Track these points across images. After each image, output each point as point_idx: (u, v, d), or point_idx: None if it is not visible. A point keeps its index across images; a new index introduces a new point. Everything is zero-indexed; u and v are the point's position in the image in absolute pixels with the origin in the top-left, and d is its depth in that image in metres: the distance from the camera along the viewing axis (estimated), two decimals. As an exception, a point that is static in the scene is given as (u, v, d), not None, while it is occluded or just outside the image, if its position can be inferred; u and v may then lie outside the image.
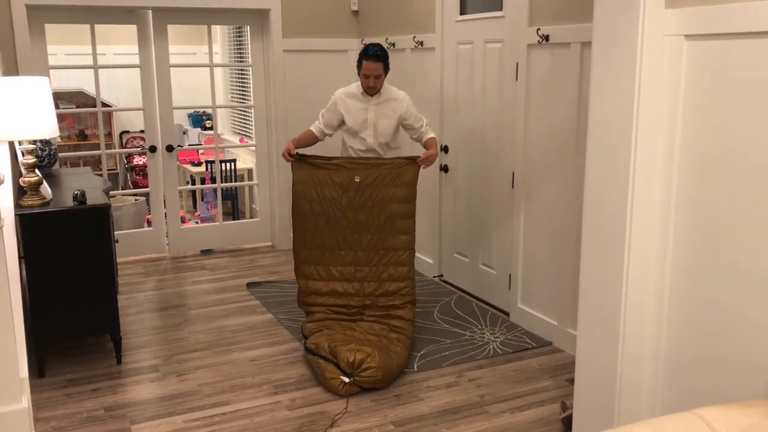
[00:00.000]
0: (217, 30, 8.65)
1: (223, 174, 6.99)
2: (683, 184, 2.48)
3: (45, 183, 3.93)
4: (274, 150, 6.17)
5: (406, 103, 4.20)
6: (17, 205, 3.69)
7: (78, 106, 8.22)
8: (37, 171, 3.79)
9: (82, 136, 8.59)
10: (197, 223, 6.69)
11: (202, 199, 7.13)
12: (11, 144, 4.27)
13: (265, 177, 6.36)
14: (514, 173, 4.40)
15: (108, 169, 6.25)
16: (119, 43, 8.07)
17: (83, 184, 4.34)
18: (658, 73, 2.46)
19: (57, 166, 5.02)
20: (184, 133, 8.91)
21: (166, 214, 6.11)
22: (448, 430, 3.23)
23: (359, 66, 4.14)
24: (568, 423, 3.16)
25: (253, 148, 6.54)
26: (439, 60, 5.08)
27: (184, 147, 7.89)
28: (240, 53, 8.02)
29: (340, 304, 4.16)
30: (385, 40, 5.64)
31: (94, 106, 6.06)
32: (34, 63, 5.34)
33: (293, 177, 4.12)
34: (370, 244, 4.12)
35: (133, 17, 5.72)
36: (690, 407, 1.86)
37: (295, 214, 4.16)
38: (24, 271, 3.83)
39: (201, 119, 9.17)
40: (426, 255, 5.53)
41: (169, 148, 6.01)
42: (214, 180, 6.76)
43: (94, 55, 5.66)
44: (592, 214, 2.70)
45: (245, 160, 7.73)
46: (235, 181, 7.16)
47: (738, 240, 2.31)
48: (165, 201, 6.09)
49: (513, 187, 4.42)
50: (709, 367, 2.46)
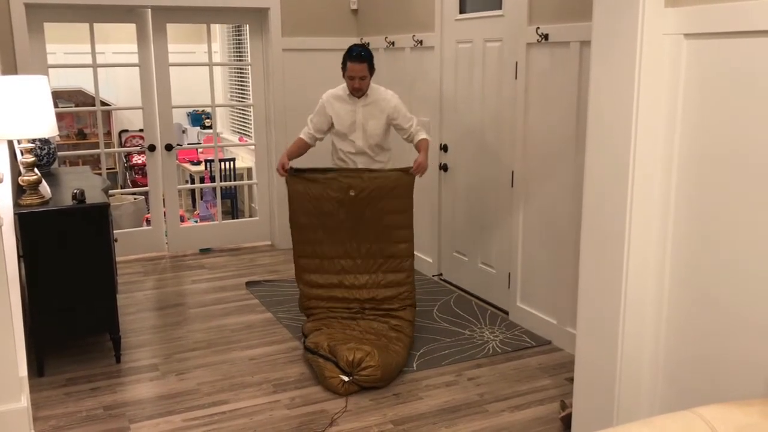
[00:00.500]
0: (216, 29, 8.64)
1: (223, 173, 6.98)
2: (682, 182, 2.48)
3: (44, 182, 3.93)
4: (273, 149, 6.17)
5: (394, 103, 4.16)
6: (16, 204, 3.69)
7: (77, 105, 8.21)
8: (36, 170, 3.78)
9: (81, 135, 8.59)
10: (196, 222, 6.69)
11: (201, 198, 7.14)
12: (10, 143, 4.26)
13: (265, 176, 6.35)
14: (513, 172, 4.39)
15: (107, 168, 6.25)
16: (118, 41, 8.07)
17: (82, 183, 4.34)
18: (658, 72, 2.46)
19: (56, 165, 5.02)
20: (183, 132, 8.91)
21: (165, 213, 6.11)
22: (447, 429, 3.23)
23: (344, 68, 4.11)
24: (567, 422, 3.16)
25: (253, 147, 6.54)
26: (438, 59, 5.08)
27: (184, 146, 7.88)
28: (239, 52, 8.02)
29: (340, 306, 4.17)
30: (385, 38, 5.64)
31: (93, 105, 6.05)
32: (33, 62, 5.33)
33: (288, 192, 4.12)
34: (368, 252, 4.13)
35: (133, 16, 5.72)
36: (689, 406, 1.86)
37: (293, 227, 4.17)
38: (23, 270, 3.83)
39: (200, 118, 9.16)
40: (425, 254, 5.53)
41: (168, 147, 6.01)
42: (213, 179, 6.76)
43: (93, 53, 5.66)
44: (591, 213, 2.70)
45: (244, 159, 7.72)
46: (235, 180, 7.16)
47: (737, 239, 2.31)
48: (164, 200, 6.08)
49: (512, 186, 4.42)
50: (708, 366, 2.46)
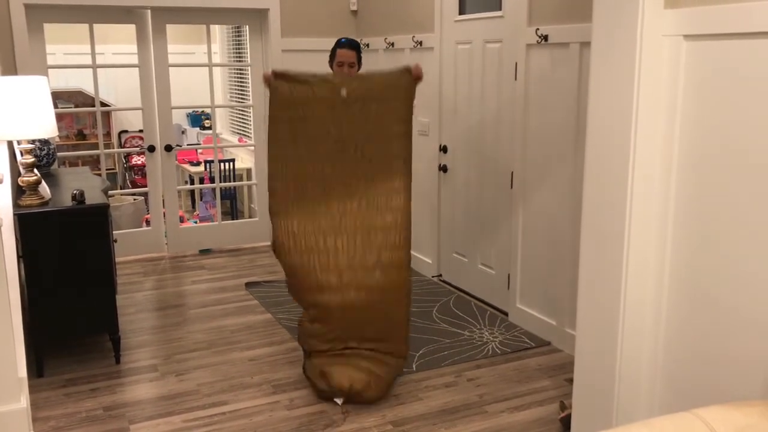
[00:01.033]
0: (216, 30, 8.65)
1: (222, 174, 6.98)
2: (682, 183, 2.48)
3: (44, 182, 3.93)
4: (272, 150, 6.17)
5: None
6: (16, 205, 3.69)
7: (77, 106, 8.21)
8: (35, 170, 3.78)
9: (81, 135, 8.59)
10: (196, 222, 6.68)
11: (201, 199, 7.13)
12: (10, 143, 4.26)
13: (264, 177, 6.35)
14: (512, 173, 4.40)
15: (107, 169, 6.25)
16: (118, 42, 8.07)
17: (82, 183, 4.34)
18: (657, 73, 2.46)
19: (56, 165, 5.02)
20: (183, 132, 8.91)
21: (164, 213, 6.11)
22: (446, 430, 3.23)
23: (332, 57, 4.12)
24: (566, 423, 3.17)
25: (252, 148, 6.54)
26: (438, 60, 5.08)
27: (183, 147, 7.88)
28: (239, 53, 8.02)
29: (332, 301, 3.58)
30: (384, 39, 5.65)
31: (93, 106, 6.05)
32: (33, 62, 5.33)
33: (270, 98, 3.58)
34: (359, 168, 3.56)
35: (132, 17, 5.72)
36: (689, 407, 1.86)
37: (272, 145, 3.58)
38: (23, 271, 3.83)
39: (200, 119, 9.17)
40: (425, 255, 5.53)
41: (168, 148, 6.01)
42: (212, 180, 6.76)
43: (93, 54, 5.66)
44: (591, 214, 2.70)
45: (244, 160, 7.72)
46: (234, 180, 7.16)
47: (737, 240, 2.31)
48: (164, 201, 6.08)
49: (512, 187, 4.42)
50: (707, 366, 2.46)
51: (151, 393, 3.61)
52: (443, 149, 5.17)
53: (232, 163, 7.12)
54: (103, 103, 7.18)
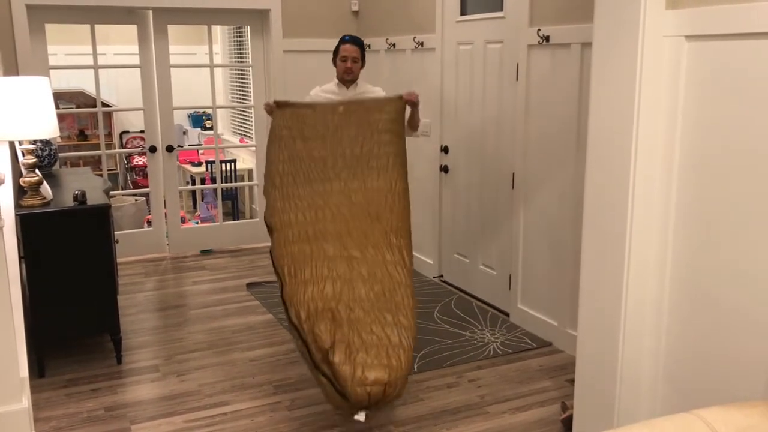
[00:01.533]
0: (218, 30, 8.65)
1: (223, 174, 6.99)
2: (683, 184, 2.48)
3: (45, 183, 3.94)
4: (274, 150, 6.17)
5: (383, 94, 4.20)
6: (17, 205, 3.69)
7: (78, 106, 8.22)
8: (37, 171, 3.79)
9: (82, 136, 8.59)
10: (197, 223, 6.69)
11: (202, 200, 7.13)
12: (11, 144, 4.27)
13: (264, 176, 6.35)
14: (514, 174, 4.40)
15: (108, 170, 6.25)
16: (119, 43, 8.08)
17: (83, 184, 4.34)
18: (659, 74, 2.46)
19: (57, 166, 5.03)
20: (184, 133, 8.91)
21: (166, 214, 6.11)
22: (448, 431, 3.23)
23: (336, 53, 4.13)
24: (568, 424, 3.16)
25: (253, 149, 6.55)
26: (439, 60, 5.08)
27: (184, 147, 7.89)
28: (240, 53, 8.02)
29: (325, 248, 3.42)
30: (386, 40, 5.65)
31: (94, 106, 6.06)
32: (35, 63, 5.34)
33: (273, 122, 3.78)
34: (355, 172, 3.63)
35: (134, 17, 5.73)
36: (690, 408, 1.86)
37: (270, 162, 3.70)
38: (24, 271, 3.83)
39: (201, 119, 9.17)
40: (426, 255, 5.53)
41: (169, 149, 6.01)
42: (214, 180, 6.76)
43: (95, 55, 5.66)
44: (592, 215, 2.70)
45: (245, 161, 7.73)
46: (235, 181, 7.16)
47: (738, 240, 2.31)
48: (165, 201, 6.09)
49: (513, 187, 4.42)
50: (709, 367, 2.46)
51: (153, 393, 3.61)
52: (444, 150, 5.17)
53: (233, 163, 7.12)
54: (104, 104, 7.18)
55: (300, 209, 3.58)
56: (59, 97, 7.91)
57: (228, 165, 7.09)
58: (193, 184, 7.71)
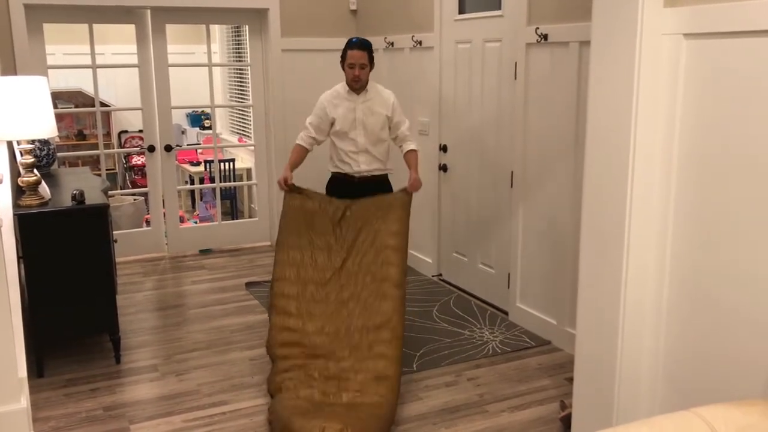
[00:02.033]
0: (216, 29, 8.64)
1: (222, 174, 6.98)
2: (682, 182, 2.48)
3: (43, 183, 3.93)
4: (272, 150, 6.17)
5: (392, 99, 4.12)
6: (16, 205, 3.69)
7: (76, 106, 8.21)
8: (35, 171, 3.78)
9: (81, 135, 8.59)
10: (196, 222, 6.68)
11: (201, 199, 7.13)
12: (10, 144, 4.26)
13: (264, 176, 6.35)
14: (512, 172, 4.40)
15: (107, 169, 6.25)
16: (118, 42, 8.06)
17: (82, 183, 4.34)
18: (657, 72, 2.46)
19: (55, 165, 5.02)
20: (183, 132, 8.91)
21: (164, 213, 6.11)
22: (447, 430, 3.23)
23: (343, 58, 4.06)
24: (567, 422, 3.16)
25: (252, 148, 6.54)
26: (437, 59, 5.08)
27: (183, 147, 7.88)
28: (238, 53, 8.02)
29: (314, 345, 3.63)
30: (384, 39, 5.64)
31: (93, 106, 6.05)
32: (33, 62, 5.33)
33: (284, 206, 4.00)
34: (357, 279, 3.78)
35: (132, 17, 5.72)
36: (689, 406, 1.86)
37: (279, 246, 3.92)
38: (23, 271, 3.83)
39: (199, 119, 9.16)
40: (425, 254, 5.53)
41: (168, 148, 6.00)
42: (212, 180, 6.76)
43: (93, 54, 5.66)
44: (591, 213, 2.70)
45: (244, 160, 7.72)
46: (234, 180, 7.16)
47: (737, 239, 2.31)
48: (164, 201, 6.08)
49: (512, 186, 4.42)
50: (707, 366, 2.46)
51: (152, 393, 3.61)
52: (443, 148, 5.17)
53: (232, 163, 7.12)
54: (102, 104, 7.17)
55: (301, 304, 3.80)
56: (57, 97, 7.90)
57: (227, 164, 7.09)
58: (192, 183, 7.71)
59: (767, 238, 2.21)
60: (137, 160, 8.37)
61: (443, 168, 5.19)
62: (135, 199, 6.82)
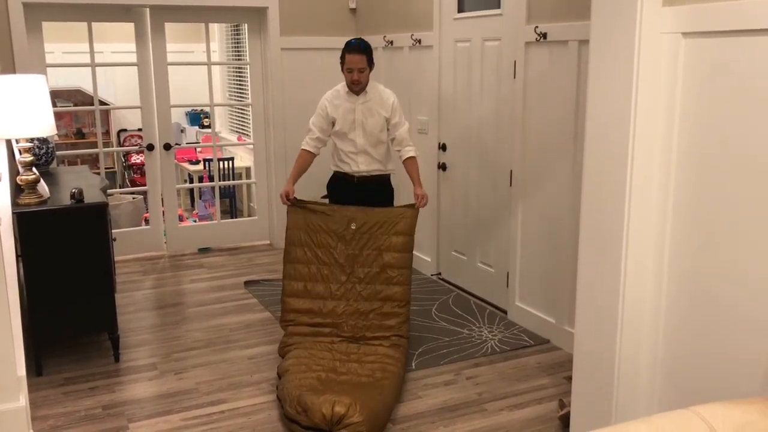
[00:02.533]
0: (215, 28, 8.64)
1: (221, 172, 6.98)
2: (681, 181, 2.48)
3: (42, 181, 3.93)
4: (271, 148, 6.17)
5: (392, 100, 4.11)
6: (14, 204, 3.69)
7: (75, 105, 8.20)
8: (34, 169, 3.78)
9: (80, 134, 8.58)
10: (195, 221, 6.69)
11: (200, 198, 7.13)
12: (8, 142, 4.26)
13: (263, 175, 6.35)
14: (512, 171, 4.40)
15: (106, 168, 6.24)
16: (117, 41, 8.06)
17: (81, 182, 4.33)
18: (656, 71, 2.46)
19: (54, 164, 5.02)
20: (182, 131, 8.91)
21: (163, 212, 6.10)
22: (445, 428, 3.23)
23: (342, 61, 4.05)
24: (565, 421, 3.17)
25: (251, 147, 6.54)
26: (437, 58, 5.08)
27: (182, 145, 7.88)
28: (238, 51, 8.01)
29: (324, 333, 3.87)
30: (383, 38, 5.64)
31: (92, 105, 6.05)
32: (32, 61, 5.33)
33: (287, 222, 4.02)
34: (363, 294, 3.91)
35: (131, 15, 5.72)
36: (687, 405, 1.86)
37: (286, 261, 4.00)
38: (21, 270, 3.83)
39: (199, 117, 9.16)
40: (424, 253, 5.53)
41: (167, 147, 6.00)
42: (212, 178, 6.76)
43: (92, 53, 5.65)
44: (590, 212, 2.70)
45: (243, 159, 7.72)
46: (233, 179, 7.16)
47: (736, 237, 2.31)
48: (163, 199, 6.08)
49: (511, 185, 4.42)
50: (706, 364, 2.46)
51: (150, 391, 3.61)
52: (442, 147, 5.17)
53: (231, 161, 7.12)
54: (102, 102, 7.17)
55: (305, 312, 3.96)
56: (57, 96, 7.90)
57: (226, 163, 7.08)
58: (191, 182, 7.71)
59: (766, 236, 2.21)
60: (136, 159, 8.36)
61: (442, 167, 5.19)
62: (134, 198, 6.81)
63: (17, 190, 3.87)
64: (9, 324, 2.72)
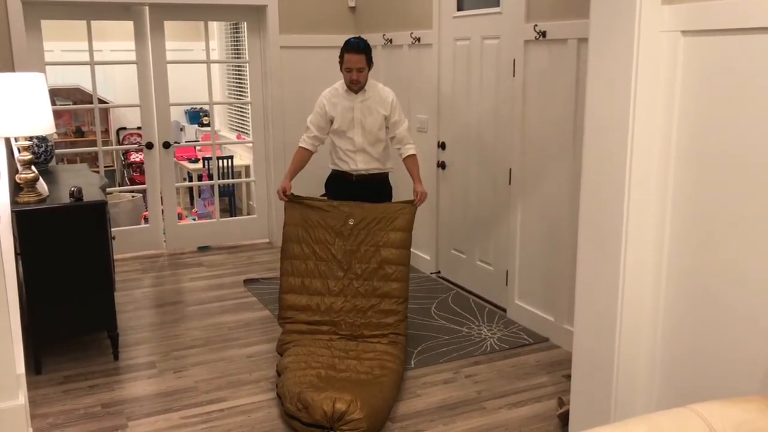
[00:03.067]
0: (214, 26, 8.63)
1: (220, 171, 6.98)
2: (680, 179, 2.48)
3: (41, 180, 3.93)
4: (271, 147, 6.16)
5: (392, 98, 4.11)
6: (13, 202, 3.69)
7: (75, 103, 8.20)
8: (33, 167, 3.78)
9: (79, 132, 8.57)
10: (194, 219, 6.68)
11: (199, 196, 7.13)
12: (7, 140, 4.26)
13: (262, 173, 6.35)
14: (511, 169, 4.40)
15: (105, 166, 6.24)
16: (116, 39, 8.05)
17: (80, 180, 4.33)
18: (655, 69, 2.46)
19: (53, 162, 5.02)
20: (181, 129, 8.90)
21: (163, 210, 6.10)
22: (445, 426, 3.23)
23: (341, 60, 4.05)
24: (564, 419, 3.17)
25: (250, 145, 6.54)
26: (436, 56, 5.07)
27: (181, 144, 7.88)
28: (237, 49, 8.01)
29: (323, 331, 3.90)
30: (382, 36, 5.64)
31: (91, 103, 6.05)
32: (31, 59, 5.32)
33: (285, 218, 4.02)
34: (360, 290, 3.92)
35: (130, 13, 5.71)
36: (686, 403, 1.86)
37: (284, 257, 4.01)
38: (20, 268, 3.82)
39: (198, 116, 9.15)
40: (423, 251, 5.53)
41: (166, 145, 6.00)
42: (211, 177, 6.75)
43: (91, 51, 5.65)
44: (589, 210, 2.70)
45: (242, 157, 7.71)
46: (232, 177, 7.15)
47: (734, 236, 2.31)
48: (162, 198, 6.08)
49: (510, 183, 4.42)
50: (705, 362, 2.47)
51: (149, 390, 3.61)
52: (441, 146, 5.17)
53: (230, 160, 7.12)
54: (101, 100, 7.16)
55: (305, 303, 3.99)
56: (56, 94, 7.89)
57: (225, 161, 7.08)
58: (190, 180, 7.70)
59: (765, 235, 2.21)
60: (135, 157, 8.36)
61: (441, 165, 5.19)
62: (133, 196, 6.81)
63: (16, 188, 3.86)
64: (8, 322, 2.72)
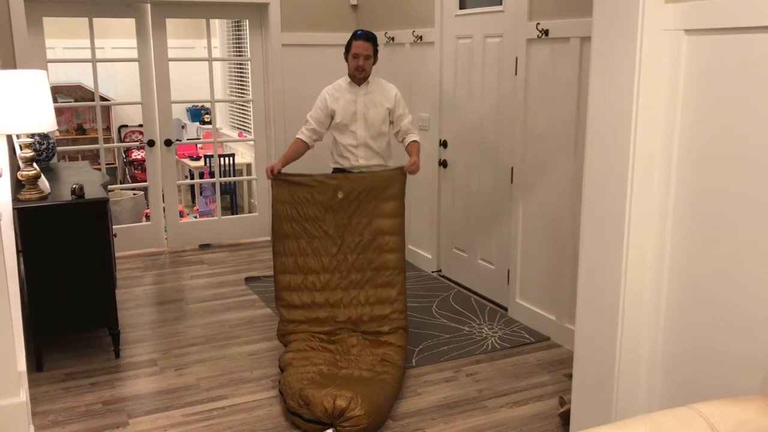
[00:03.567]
0: (216, 24, 8.63)
1: (222, 168, 6.98)
2: (682, 178, 2.48)
3: (43, 177, 3.93)
4: (272, 145, 6.16)
5: (395, 92, 4.12)
6: (15, 199, 3.69)
7: (76, 100, 8.20)
8: (35, 165, 3.78)
9: (81, 130, 8.58)
10: (196, 217, 6.68)
11: (201, 194, 7.13)
12: (9, 138, 4.26)
13: (264, 171, 6.34)
14: (513, 168, 4.39)
15: (106, 164, 6.25)
16: (117, 36, 8.05)
17: (81, 178, 4.33)
18: (658, 67, 2.46)
19: (55, 160, 5.02)
20: (183, 127, 8.90)
21: (164, 208, 6.10)
22: (446, 425, 3.23)
23: (347, 49, 4.07)
24: (566, 418, 3.17)
25: (252, 143, 6.54)
26: (438, 54, 5.07)
27: (183, 141, 7.88)
28: (239, 47, 8.01)
29: (322, 332, 3.84)
30: (384, 34, 5.64)
31: (93, 100, 6.05)
32: (32, 56, 5.32)
33: (272, 196, 3.93)
34: (355, 265, 3.87)
35: (132, 11, 5.71)
36: (687, 402, 1.86)
37: (275, 237, 3.93)
38: (22, 265, 3.83)
39: (199, 113, 9.15)
40: (424, 250, 5.53)
41: (168, 143, 6.00)
42: (212, 174, 6.75)
43: (93, 48, 5.65)
44: (591, 209, 2.69)
45: (244, 155, 7.72)
46: (234, 175, 7.16)
47: (736, 235, 2.31)
48: (163, 195, 6.08)
49: (512, 182, 4.42)
50: (706, 362, 2.46)
51: (151, 387, 3.61)
52: (443, 144, 5.17)
53: (231, 157, 7.12)
54: (102, 98, 7.17)
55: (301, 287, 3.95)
56: (57, 91, 7.90)
57: (226, 159, 7.08)
58: (192, 178, 7.70)
59: (767, 233, 2.21)
60: (137, 155, 8.36)
61: (443, 164, 5.19)
62: (134, 194, 6.82)
63: (18, 185, 3.87)
64: (9, 319, 2.72)
